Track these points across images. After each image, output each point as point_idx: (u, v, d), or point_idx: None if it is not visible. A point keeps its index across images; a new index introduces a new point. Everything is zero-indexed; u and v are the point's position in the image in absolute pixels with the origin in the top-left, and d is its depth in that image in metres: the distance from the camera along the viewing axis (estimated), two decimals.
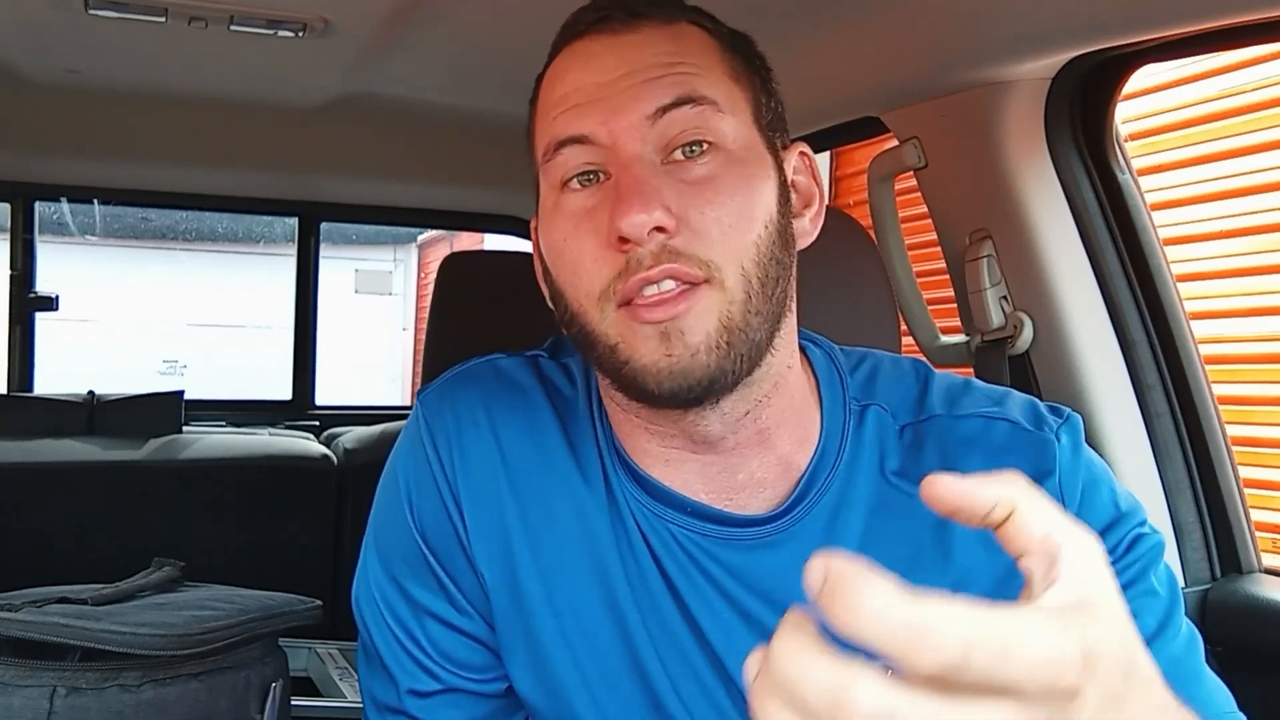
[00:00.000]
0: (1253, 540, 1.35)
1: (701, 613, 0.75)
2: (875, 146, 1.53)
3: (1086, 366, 1.32)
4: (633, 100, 0.70)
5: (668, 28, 0.73)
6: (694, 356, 0.68)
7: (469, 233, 5.21)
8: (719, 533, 0.75)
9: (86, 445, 2.03)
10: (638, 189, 0.68)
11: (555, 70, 0.76)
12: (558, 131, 0.72)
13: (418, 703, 0.81)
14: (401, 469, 0.82)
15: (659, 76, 0.71)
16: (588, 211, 0.71)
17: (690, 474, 0.77)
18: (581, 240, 0.71)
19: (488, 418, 0.80)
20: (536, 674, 0.78)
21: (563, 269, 0.73)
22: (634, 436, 0.77)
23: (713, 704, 0.75)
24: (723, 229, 0.69)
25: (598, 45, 0.73)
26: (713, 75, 0.73)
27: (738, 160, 0.71)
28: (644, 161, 0.70)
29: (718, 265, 0.69)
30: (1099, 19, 1.10)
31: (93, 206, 2.47)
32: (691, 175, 0.70)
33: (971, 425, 0.78)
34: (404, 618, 0.81)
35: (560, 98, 0.73)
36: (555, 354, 0.85)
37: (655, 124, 0.70)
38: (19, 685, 1.01)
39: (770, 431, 0.76)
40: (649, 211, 0.67)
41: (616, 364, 0.71)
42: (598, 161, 0.71)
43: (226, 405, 2.55)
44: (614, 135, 0.70)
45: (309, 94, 1.82)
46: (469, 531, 0.78)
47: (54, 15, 1.41)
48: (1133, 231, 1.34)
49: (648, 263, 0.68)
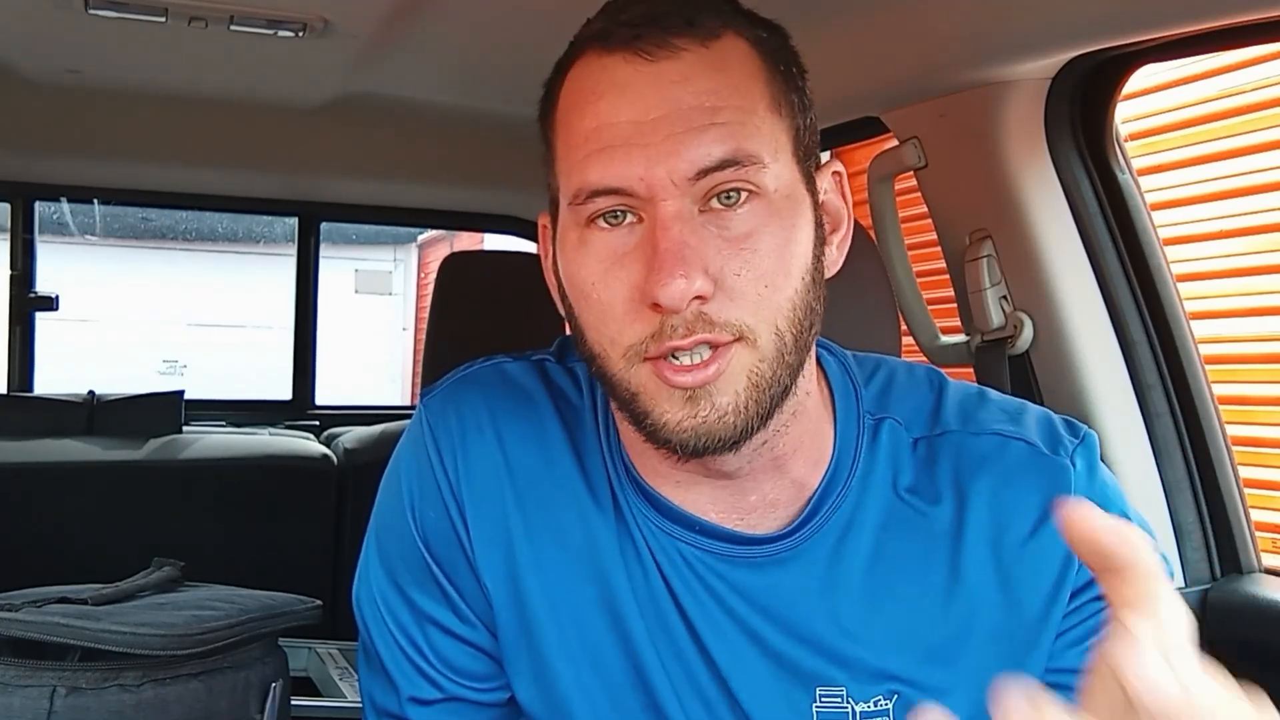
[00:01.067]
0: (1253, 540, 1.35)
1: (707, 631, 0.74)
2: (875, 146, 1.53)
3: (1086, 366, 1.32)
4: (672, 154, 0.66)
5: (708, 51, 0.68)
6: (721, 419, 0.67)
7: (469, 233, 5.20)
8: (728, 551, 0.75)
9: (86, 445, 2.03)
10: (679, 254, 0.65)
11: (583, 87, 0.70)
12: (591, 179, 0.68)
13: (419, 710, 0.80)
14: (405, 474, 0.81)
15: (703, 127, 0.66)
16: (618, 258, 0.68)
17: (701, 495, 0.76)
18: (611, 289, 0.68)
19: (493, 425, 0.78)
20: (538, 685, 0.77)
21: (588, 311, 0.70)
22: (645, 456, 0.76)
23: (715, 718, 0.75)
24: (758, 290, 0.67)
25: (632, 73, 0.68)
26: (756, 116, 0.69)
27: (777, 211, 0.68)
28: (683, 219, 0.66)
29: (750, 327, 0.67)
30: (1099, 19, 1.10)
31: (93, 206, 2.47)
32: (731, 230, 0.67)
33: (988, 444, 0.77)
34: (406, 624, 0.80)
35: (592, 131, 0.68)
36: (562, 357, 0.83)
37: (695, 183, 0.67)
38: (19, 685, 1.01)
39: (786, 457, 0.75)
40: (690, 280, 0.64)
41: (638, 412, 0.70)
42: (632, 205, 0.68)
43: (226, 405, 2.54)
44: (653, 190, 0.66)
45: (309, 94, 1.82)
46: (473, 540, 0.77)
47: (54, 15, 1.41)
48: (1133, 231, 1.34)
49: (681, 331, 0.66)
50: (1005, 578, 0.75)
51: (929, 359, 1.49)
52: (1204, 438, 1.34)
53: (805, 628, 0.74)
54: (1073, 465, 0.76)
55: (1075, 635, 0.75)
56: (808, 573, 0.74)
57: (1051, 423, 0.79)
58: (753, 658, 0.74)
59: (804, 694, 0.73)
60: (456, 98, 1.81)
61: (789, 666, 0.74)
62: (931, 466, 0.77)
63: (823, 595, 0.74)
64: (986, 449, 0.77)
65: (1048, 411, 0.81)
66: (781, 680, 0.74)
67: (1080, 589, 0.75)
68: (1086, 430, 0.79)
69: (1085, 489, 0.76)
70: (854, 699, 0.73)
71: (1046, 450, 0.77)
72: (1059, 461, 0.76)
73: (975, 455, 0.77)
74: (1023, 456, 0.76)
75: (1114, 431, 1.32)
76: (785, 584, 0.74)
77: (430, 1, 1.34)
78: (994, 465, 0.76)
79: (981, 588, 0.74)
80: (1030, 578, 0.74)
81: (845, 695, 0.73)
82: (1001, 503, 0.75)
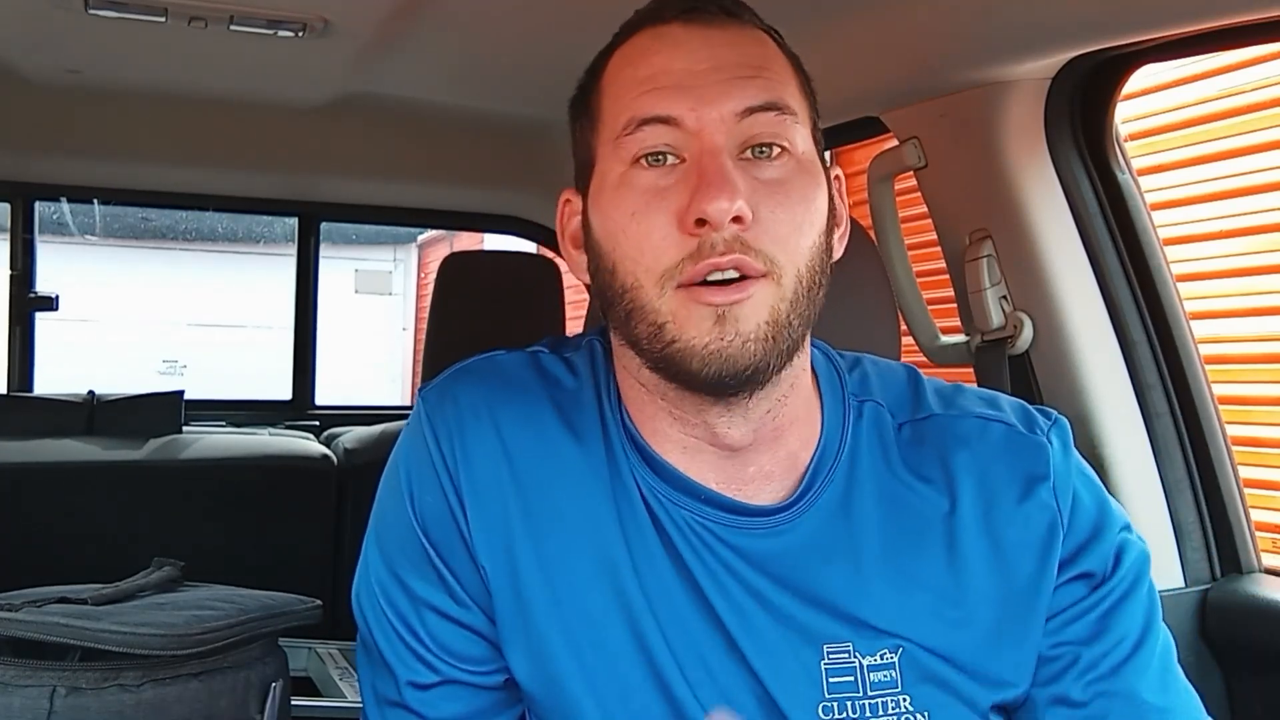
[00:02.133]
0: (1253, 540, 1.35)
1: (714, 593, 0.77)
2: (875, 146, 1.53)
3: (1086, 366, 1.32)
4: (723, 95, 0.73)
5: (753, 32, 0.77)
6: (744, 344, 0.72)
7: (469, 233, 5.21)
8: (732, 520, 0.78)
9: (86, 445, 2.03)
10: (725, 175, 0.71)
11: (635, 49, 0.77)
12: (644, 108, 0.74)
13: (417, 695, 0.81)
14: (403, 463, 0.83)
15: (749, 77, 0.74)
16: (660, 191, 0.73)
17: (705, 464, 0.79)
18: (651, 217, 0.73)
19: (489, 411, 0.81)
20: (534, 663, 0.79)
21: (624, 242, 0.74)
22: (655, 420, 0.80)
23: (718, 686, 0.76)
24: (788, 230, 0.73)
25: (686, 34, 0.75)
26: (790, 87, 0.77)
27: (804, 169, 0.75)
28: (727, 152, 0.72)
29: (779, 263, 0.72)
30: (1099, 19, 1.10)
31: (93, 206, 2.47)
32: (765, 175, 0.73)
33: (969, 425, 0.83)
34: (403, 610, 0.81)
35: (646, 77, 0.75)
36: (554, 349, 0.87)
37: (740, 121, 0.73)
38: (19, 685, 1.01)
39: (784, 429, 0.80)
40: (732, 200, 0.70)
41: (663, 342, 0.73)
42: (676, 145, 0.73)
43: (226, 405, 2.54)
44: (701, 123, 0.72)
45: (309, 94, 1.82)
46: (470, 524, 0.79)
47: (54, 15, 1.42)
48: (1133, 231, 1.34)
49: (720, 248, 0.71)
50: (997, 547, 0.79)
51: (929, 359, 1.49)
52: (1204, 438, 1.34)
53: (809, 589, 0.77)
54: (1050, 443, 0.82)
55: (1072, 613, 0.79)
56: (809, 542, 0.78)
57: (1026, 408, 0.85)
58: (760, 618, 0.77)
59: (812, 651, 0.76)
60: (456, 98, 1.81)
61: (796, 626, 0.77)
62: (918, 447, 0.82)
63: (825, 561, 0.78)
64: (968, 430, 0.82)
65: (1020, 401, 0.86)
66: (789, 639, 0.77)
67: (1067, 560, 0.79)
68: (1058, 415, 0.85)
69: (1063, 467, 0.81)
70: (860, 653, 0.77)
71: (1024, 430, 0.82)
72: (1037, 439, 0.82)
73: (958, 436, 0.82)
74: (1002, 436, 0.82)
75: (1114, 431, 1.32)
76: (789, 550, 0.78)
77: (430, 1, 1.34)
78: (977, 445, 0.81)
79: (976, 558, 0.79)
80: (1019, 545, 0.79)
81: (852, 650, 0.77)
82: (987, 478, 0.80)
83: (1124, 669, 0.78)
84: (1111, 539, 0.81)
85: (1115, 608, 0.79)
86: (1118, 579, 0.80)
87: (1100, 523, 0.81)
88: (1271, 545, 3.09)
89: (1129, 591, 0.80)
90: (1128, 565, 0.80)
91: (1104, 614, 0.79)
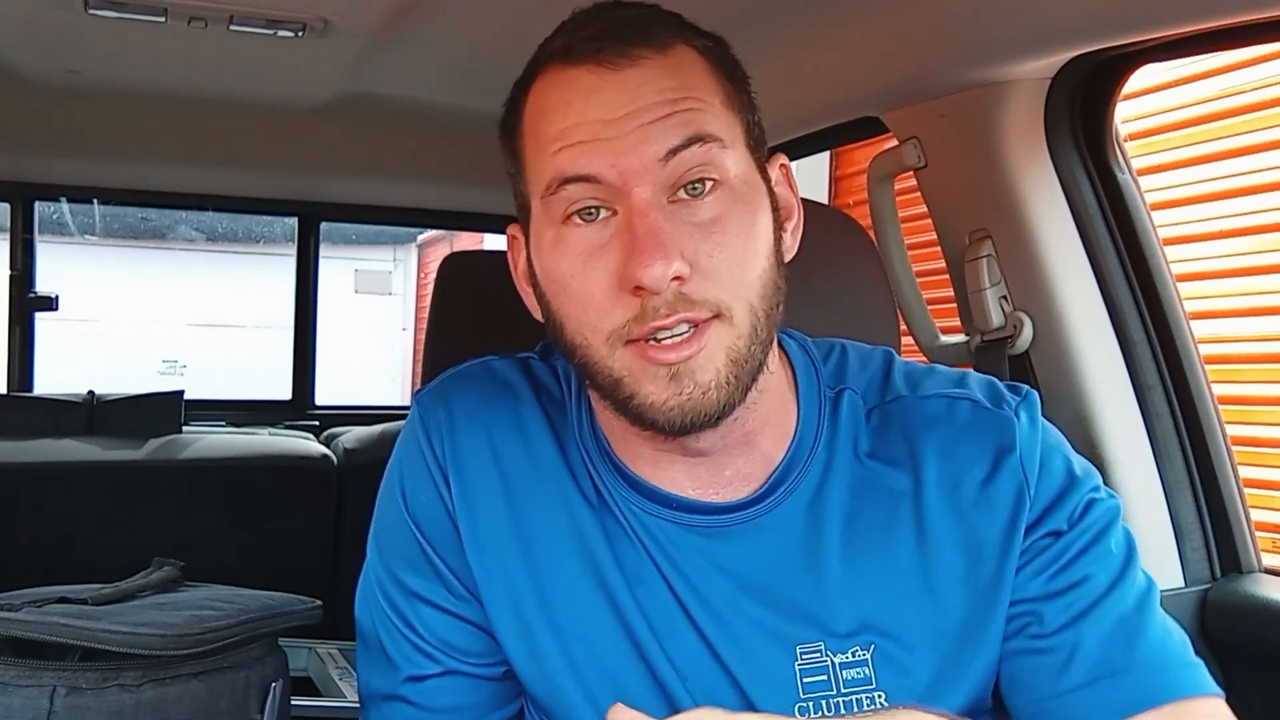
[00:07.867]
0: (1253, 540, 1.35)
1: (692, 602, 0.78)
2: (875, 146, 1.53)
3: (1086, 366, 1.32)
4: (642, 142, 0.70)
5: (665, 57, 0.73)
6: (704, 395, 0.71)
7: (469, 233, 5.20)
8: (706, 522, 0.79)
9: (86, 445, 2.03)
10: (656, 238, 0.69)
11: (549, 99, 0.74)
12: (562, 168, 0.72)
13: (415, 688, 0.82)
14: (398, 464, 0.85)
15: (666, 115, 0.71)
16: (595, 250, 0.72)
17: (678, 473, 0.80)
18: (590, 279, 0.72)
19: (480, 415, 0.83)
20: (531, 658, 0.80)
21: (568, 303, 0.74)
22: (625, 442, 0.81)
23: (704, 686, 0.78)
24: (731, 268, 0.71)
25: (596, 79, 0.72)
26: (713, 108, 0.74)
27: (740, 196, 0.73)
28: (656, 206, 0.71)
29: (727, 303, 0.71)
30: (1099, 19, 1.10)
31: (93, 206, 2.47)
32: (699, 217, 0.72)
33: (935, 405, 0.82)
34: (400, 606, 0.83)
35: (561, 132, 0.72)
36: (545, 356, 0.88)
37: (666, 165, 0.71)
38: (19, 685, 1.01)
39: (755, 432, 0.80)
40: (668, 262, 0.68)
41: (622, 395, 0.73)
42: (604, 198, 0.72)
43: (226, 405, 2.55)
44: (624, 177, 0.70)
45: (309, 94, 1.82)
46: (460, 521, 0.81)
47: (54, 15, 1.42)
48: (1133, 231, 1.34)
49: (664, 310, 0.69)
50: (965, 527, 0.79)
51: (929, 359, 1.49)
52: (1204, 438, 1.34)
53: (782, 593, 0.78)
54: (1016, 417, 0.81)
55: (1035, 566, 0.79)
56: (784, 538, 0.79)
57: (994, 384, 0.84)
58: (736, 625, 0.78)
59: (785, 654, 0.77)
60: (456, 98, 1.81)
61: (769, 631, 0.78)
62: (885, 432, 0.82)
63: (799, 556, 0.78)
64: (935, 410, 0.82)
65: (990, 377, 0.86)
66: (763, 642, 0.77)
67: (1034, 524, 0.79)
68: (1028, 389, 0.84)
69: (1029, 437, 0.80)
70: (832, 652, 0.77)
71: (990, 405, 0.82)
72: (1003, 414, 0.81)
73: (924, 417, 0.82)
74: (968, 413, 0.81)
75: (1114, 431, 1.32)
76: (763, 550, 0.78)
77: (430, 1, 1.34)
78: (943, 425, 0.81)
79: (945, 539, 0.79)
80: (987, 523, 0.79)
81: (824, 650, 0.77)
82: (953, 458, 0.80)
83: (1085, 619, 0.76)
84: (1079, 497, 0.79)
85: (1078, 558, 0.78)
86: (1081, 529, 0.78)
87: (1067, 485, 0.80)
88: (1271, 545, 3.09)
89: (1093, 541, 0.78)
90: (1093, 517, 0.79)
91: (1065, 564, 0.78)
